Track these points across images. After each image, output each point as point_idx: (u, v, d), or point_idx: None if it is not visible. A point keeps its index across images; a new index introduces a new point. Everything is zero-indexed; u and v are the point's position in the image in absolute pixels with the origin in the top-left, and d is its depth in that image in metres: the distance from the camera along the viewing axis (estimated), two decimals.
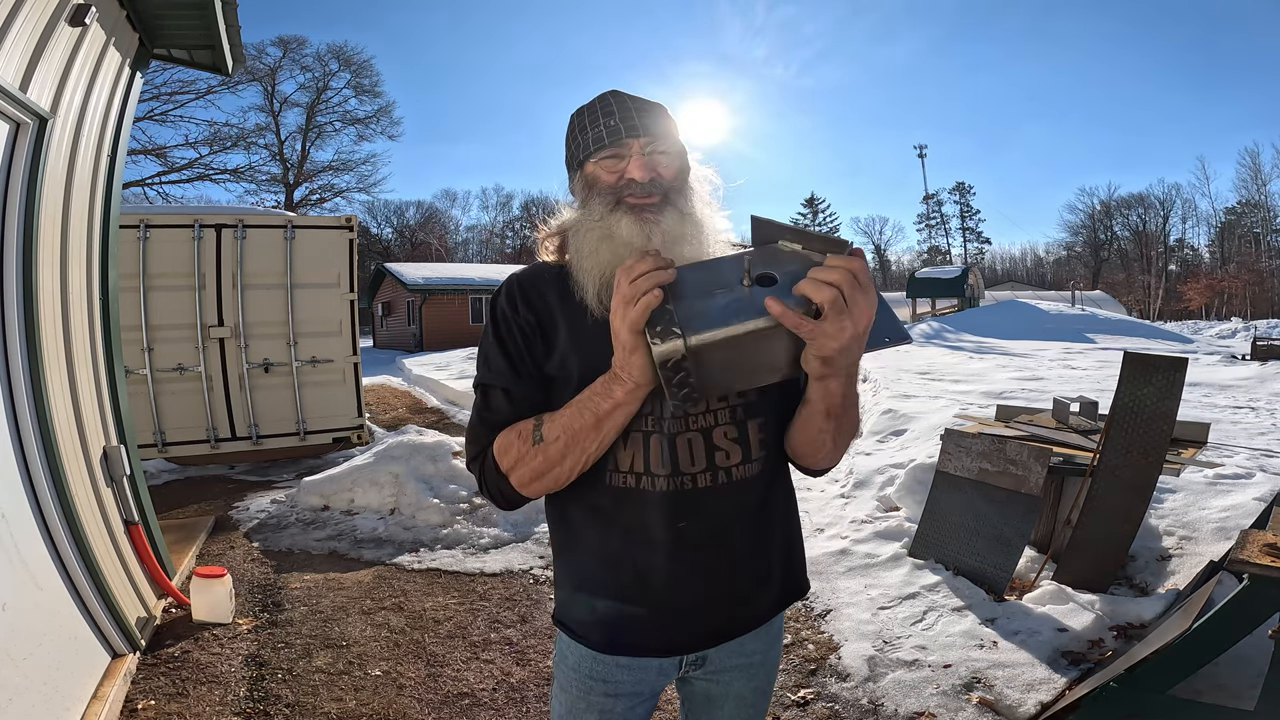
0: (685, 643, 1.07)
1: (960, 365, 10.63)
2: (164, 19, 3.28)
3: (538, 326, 1.04)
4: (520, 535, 4.26)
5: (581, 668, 1.09)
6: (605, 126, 1.00)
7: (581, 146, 1.02)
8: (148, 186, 32.14)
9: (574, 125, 1.05)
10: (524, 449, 0.98)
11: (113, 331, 3.16)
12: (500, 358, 1.04)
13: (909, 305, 27.58)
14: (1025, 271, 57.15)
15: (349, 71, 41.49)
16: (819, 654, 2.80)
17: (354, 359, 6.51)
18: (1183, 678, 1.95)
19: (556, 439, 0.96)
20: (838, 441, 0.99)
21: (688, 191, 1.03)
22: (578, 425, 0.95)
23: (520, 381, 1.03)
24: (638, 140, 0.99)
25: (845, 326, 0.76)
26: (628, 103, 1.02)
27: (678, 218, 0.99)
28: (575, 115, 1.05)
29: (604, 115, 1.01)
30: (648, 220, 0.97)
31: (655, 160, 1.00)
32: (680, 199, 1.01)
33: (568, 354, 1.02)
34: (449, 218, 53.93)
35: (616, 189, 1.00)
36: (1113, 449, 3.08)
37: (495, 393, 1.04)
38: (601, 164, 1.01)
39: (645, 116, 1.01)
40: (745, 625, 1.09)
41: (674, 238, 0.97)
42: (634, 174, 0.99)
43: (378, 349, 24.89)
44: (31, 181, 2.38)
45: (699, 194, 1.05)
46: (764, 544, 1.08)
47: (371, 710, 2.47)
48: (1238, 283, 38.52)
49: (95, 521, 2.65)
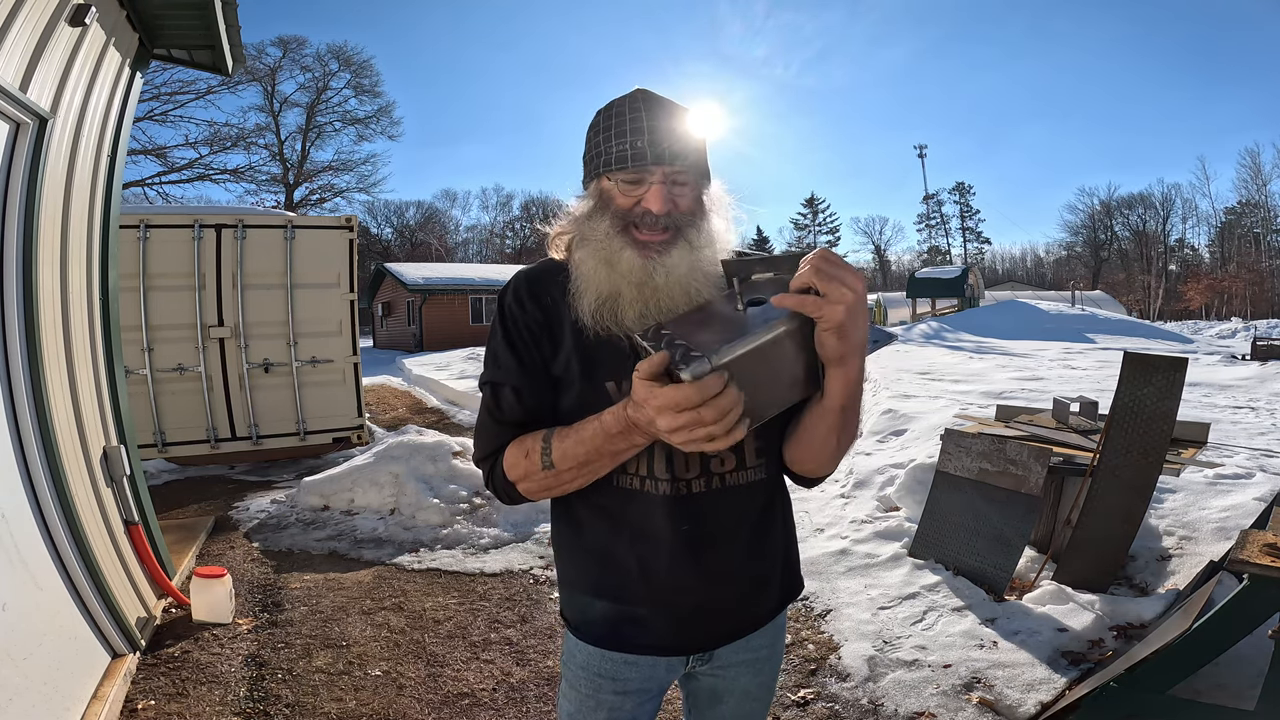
0: (689, 643, 1.07)
1: (960, 365, 10.63)
2: (164, 19, 3.28)
3: (545, 325, 1.03)
4: (520, 535, 4.26)
5: (590, 666, 1.09)
6: (631, 146, 0.96)
7: (602, 158, 0.99)
8: (148, 186, 32.19)
9: (599, 125, 1.01)
10: (532, 469, 0.98)
11: (113, 331, 3.16)
12: (509, 356, 1.03)
13: (909, 305, 27.58)
14: (1025, 271, 57.17)
15: (349, 71, 41.54)
16: (819, 654, 2.80)
17: (354, 359, 6.51)
18: (1183, 678, 1.95)
19: (569, 469, 0.96)
20: (841, 442, 0.98)
21: (702, 220, 1.00)
22: (594, 459, 0.94)
23: (530, 380, 1.02)
24: (662, 168, 0.96)
25: (844, 292, 0.79)
26: (659, 117, 0.97)
27: (685, 252, 0.97)
28: (603, 114, 1.01)
29: (632, 131, 0.96)
30: (651, 259, 0.95)
31: (675, 192, 0.97)
32: (693, 231, 0.98)
33: (572, 355, 1.01)
34: (449, 218, 54.02)
35: (628, 215, 0.97)
36: (1113, 449, 3.08)
37: (505, 391, 1.03)
38: (619, 185, 0.98)
39: (673, 137, 0.96)
40: (747, 627, 1.10)
41: (678, 275, 0.96)
42: (651, 205, 0.96)
43: (378, 349, 24.89)
44: (31, 181, 2.38)
45: (715, 215, 1.02)
46: (763, 549, 1.09)
47: (371, 710, 2.47)
48: (1238, 283, 38.53)
49: (95, 521, 2.65)
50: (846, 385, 0.87)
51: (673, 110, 0.99)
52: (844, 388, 0.87)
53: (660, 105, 0.98)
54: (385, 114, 42.83)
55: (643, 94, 1.00)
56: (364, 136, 43.32)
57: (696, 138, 0.99)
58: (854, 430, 0.98)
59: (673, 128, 0.97)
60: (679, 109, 1.00)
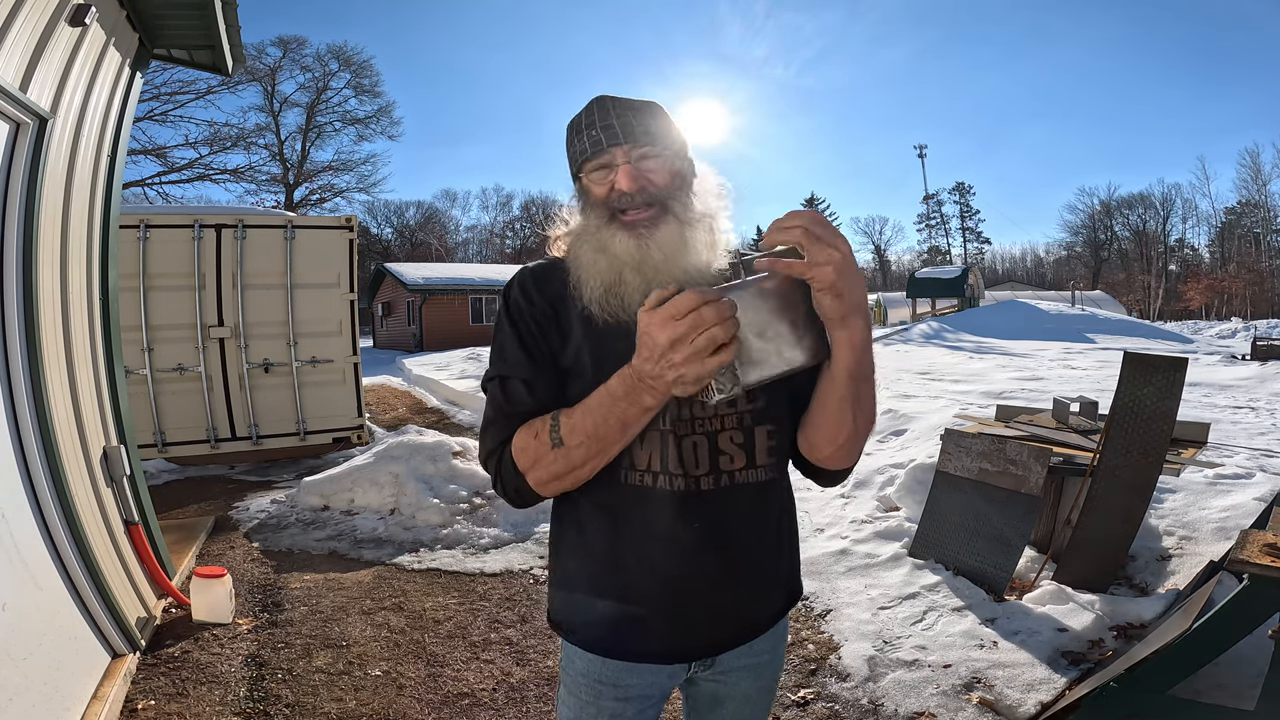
0: (691, 649, 1.06)
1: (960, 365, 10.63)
2: (164, 19, 3.28)
3: (553, 316, 1.03)
4: (520, 535, 4.26)
5: (590, 673, 1.08)
6: (589, 138, 0.98)
7: (572, 159, 1.02)
8: (148, 186, 32.21)
9: (569, 135, 1.03)
10: (542, 450, 0.95)
11: (113, 331, 3.16)
12: (517, 349, 1.02)
13: (909, 305, 27.59)
14: (1025, 271, 57.16)
15: (349, 71, 41.57)
16: (819, 654, 2.80)
17: (354, 359, 6.51)
18: (1183, 678, 1.95)
19: (579, 444, 0.93)
20: (858, 422, 0.95)
21: (688, 195, 1.00)
22: (603, 431, 0.92)
23: (539, 372, 1.02)
24: (620, 148, 0.97)
25: (830, 252, 0.79)
26: (610, 108, 0.99)
27: (676, 227, 0.97)
28: (569, 125, 1.04)
29: (587, 126, 0.99)
30: (642, 236, 0.95)
31: (644, 167, 0.97)
32: (679, 205, 0.98)
33: (582, 346, 1.01)
34: (449, 218, 54.05)
35: (609, 202, 0.98)
36: (1113, 449, 3.08)
37: (514, 384, 1.01)
38: (591, 177, 1.00)
39: (629, 120, 0.98)
40: (749, 633, 1.09)
41: (673, 250, 0.96)
42: (622, 184, 0.96)
43: (378, 349, 24.90)
44: (31, 181, 2.38)
45: (703, 193, 1.02)
46: (769, 552, 1.08)
47: (371, 710, 2.47)
48: (1238, 283, 38.54)
49: (95, 521, 2.65)
50: (853, 348, 0.86)
51: (629, 103, 1.00)
52: (850, 351, 0.86)
53: (615, 101, 1.00)
54: (385, 114, 42.93)
55: (598, 98, 1.02)
56: (364, 136, 43.43)
57: (659, 119, 1.00)
58: (870, 409, 0.96)
59: (628, 114, 0.99)
60: (636, 100, 1.01)
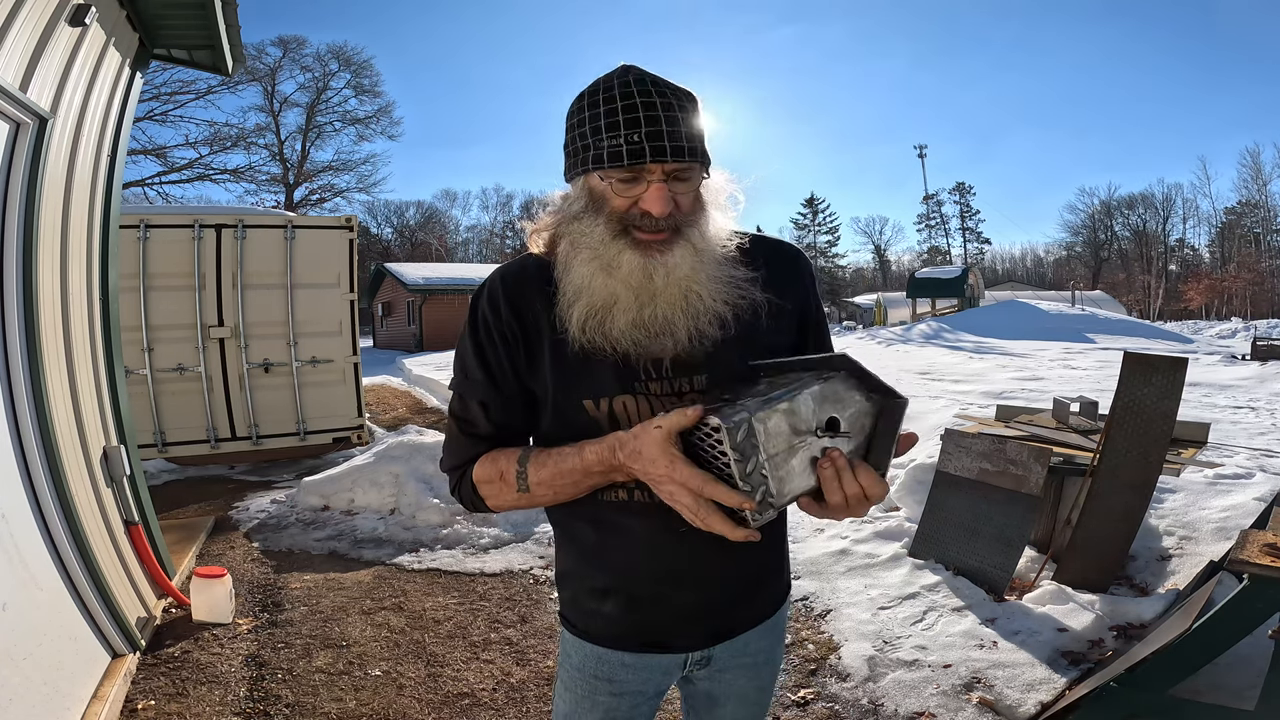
0: (684, 642, 1.06)
1: (960, 365, 10.63)
2: (164, 19, 3.28)
3: (520, 336, 0.97)
4: (520, 535, 4.26)
5: (586, 667, 1.08)
6: (626, 141, 0.84)
7: (592, 152, 0.87)
8: (148, 186, 32.14)
9: (584, 113, 0.89)
10: (507, 492, 0.97)
11: (113, 331, 3.16)
12: (478, 368, 0.99)
13: (909, 305, 27.60)
14: (1025, 271, 57.12)
15: (349, 71, 41.45)
16: (819, 654, 2.80)
17: (354, 359, 6.51)
18: (1183, 678, 1.95)
19: (545, 494, 0.96)
20: None
21: (702, 217, 0.93)
22: (571, 491, 0.95)
23: (499, 396, 0.99)
24: (662, 166, 0.86)
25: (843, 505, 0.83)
26: (656, 106, 0.85)
27: (688, 253, 0.90)
28: (588, 98, 0.89)
29: (626, 124, 0.84)
30: (653, 258, 0.89)
31: (676, 189, 0.88)
32: (694, 231, 0.91)
33: (549, 373, 0.97)
34: (449, 218, 54.00)
35: (626, 217, 0.89)
36: (1113, 449, 3.08)
37: (472, 405, 1.01)
38: (614, 185, 0.88)
39: (675, 120, 0.85)
40: (745, 624, 1.09)
41: (678, 278, 0.90)
42: (651, 207, 0.87)
43: (378, 349, 24.88)
44: (31, 181, 2.38)
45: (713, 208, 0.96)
46: (758, 547, 1.07)
47: (371, 710, 2.47)
48: (1238, 283, 38.50)
49: (95, 521, 2.65)
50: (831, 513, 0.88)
51: (670, 93, 0.87)
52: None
53: (656, 89, 0.86)
54: (385, 114, 42.80)
55: (635, 74, 0.88)
56: (364, 136, 43.20)
57: (698, 124, 0.89)
58: None
59: (673, 116, 0.86)
60: (677, 91, 0.88)
